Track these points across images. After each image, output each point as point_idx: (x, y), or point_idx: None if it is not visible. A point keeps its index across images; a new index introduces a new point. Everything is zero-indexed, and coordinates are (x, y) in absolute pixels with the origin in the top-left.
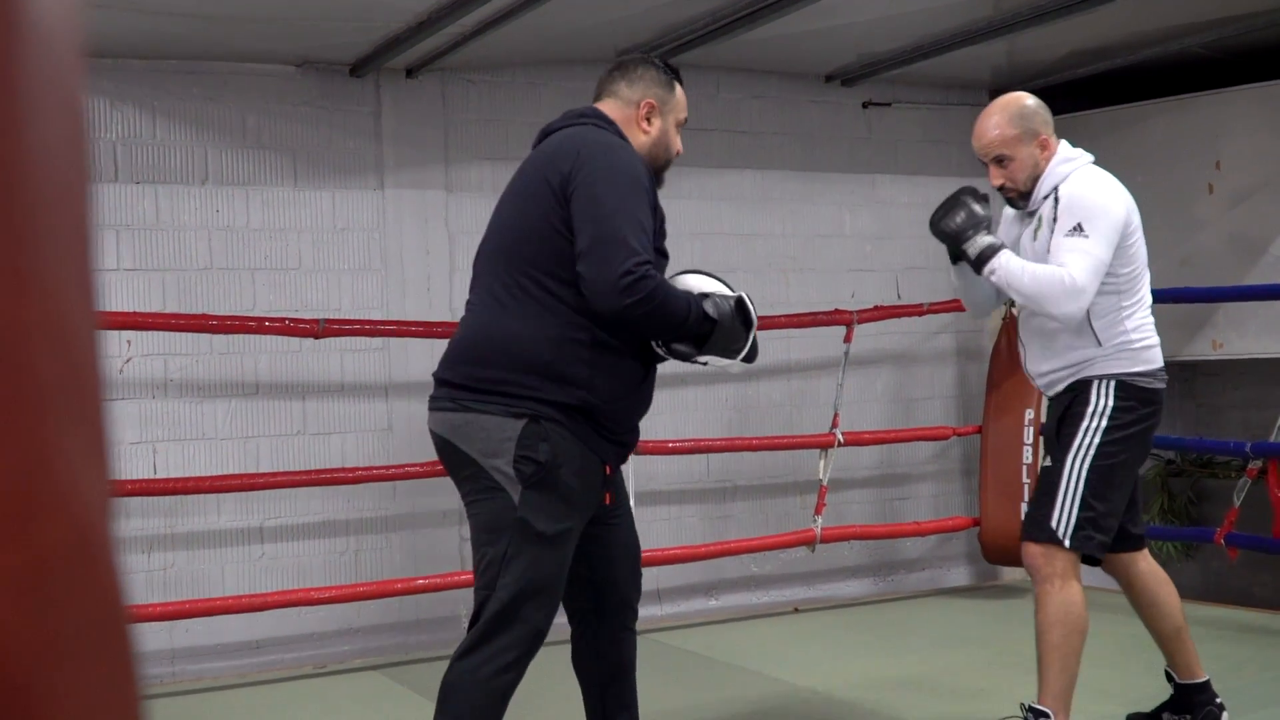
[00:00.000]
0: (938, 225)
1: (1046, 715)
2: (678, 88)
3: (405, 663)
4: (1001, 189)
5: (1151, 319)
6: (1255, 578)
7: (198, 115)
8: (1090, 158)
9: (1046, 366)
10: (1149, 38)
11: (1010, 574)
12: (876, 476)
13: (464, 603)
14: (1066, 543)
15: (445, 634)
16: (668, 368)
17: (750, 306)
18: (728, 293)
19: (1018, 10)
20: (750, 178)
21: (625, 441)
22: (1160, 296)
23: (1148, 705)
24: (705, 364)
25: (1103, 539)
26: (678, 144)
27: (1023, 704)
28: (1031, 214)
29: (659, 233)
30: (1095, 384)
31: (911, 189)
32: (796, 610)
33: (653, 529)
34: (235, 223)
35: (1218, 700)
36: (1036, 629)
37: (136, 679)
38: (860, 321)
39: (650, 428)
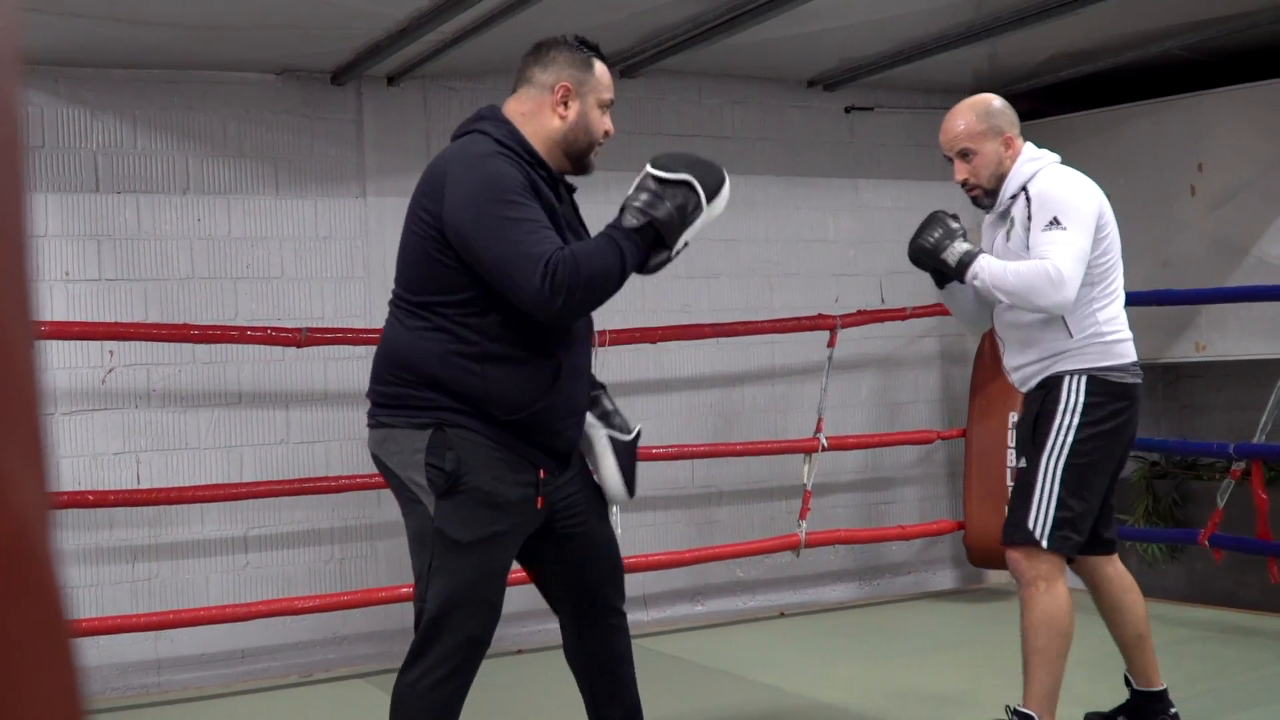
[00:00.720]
0: (915, 244)
1: (1031, 718)
2: (597, 65)
3: (390, 671)
4: (965, 185)
5: (1124, 314)
6: (1240, 579)
7: (179, 124)
8: (1056, 158)
9: (1020, 360)
10: (1130, 40)
11: (995, 577)
12: (861, 481)
13: None
14: (1044, 544)
15: None
16: (650, 373)
17: (664, 173)
18: (643, 182)
19: (999, 14)
20: (733, 183)
21: (554, 448)
22: (1143, 298)
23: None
24: (687, 243)
25: (1078, 539)
26: (603, 124)
27: (1008, 707)
28: (1003, 216)
29: (560, 224)
30: (1066, 379)
31: (895, 193)
32: (782, 615)
33: (638, 534)
34: (217, 232)
35: (1172, 710)
36: (1022, 632)
37: (78, 685)
38: (844, 326)
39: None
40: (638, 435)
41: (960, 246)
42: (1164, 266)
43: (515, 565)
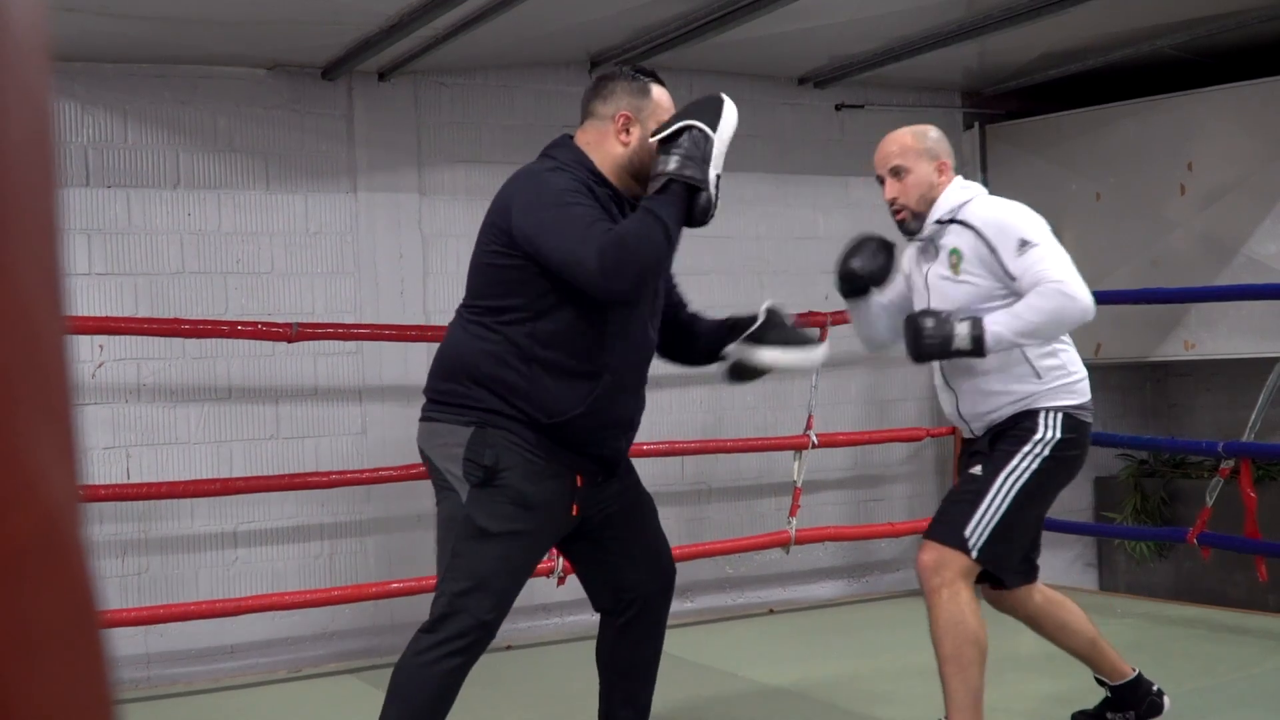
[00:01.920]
0: (921, 348)
1: None
2: (654, 90)
3: (380, 666)
4: (892, 205)
5: (1075, 351)
6: (1228, 577)
7: (169, 118)
8: (985, 190)
9: (985, 407)
10: (1120, 39)
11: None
12: (851, 478)
13: None
14: (974, 553)
15: None
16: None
17: (659, 134)
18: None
19: (989, 12)
20: (723, 180)
21: (595, 455)
22: (1132, 297)
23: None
24: (719, 175)
25: (1007, 558)
26: None
27: None
28: (929, 247)
29: None
30: (1043, 414)
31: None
32: (772, 611)
33: None
34: (207, 226)
35: (1155, 688)
36: (932, 641)
37: (108, 675)
38: (834, 323)
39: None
40: (769, 313)
41: (962, 329)
42: (1153, 265)
43: None
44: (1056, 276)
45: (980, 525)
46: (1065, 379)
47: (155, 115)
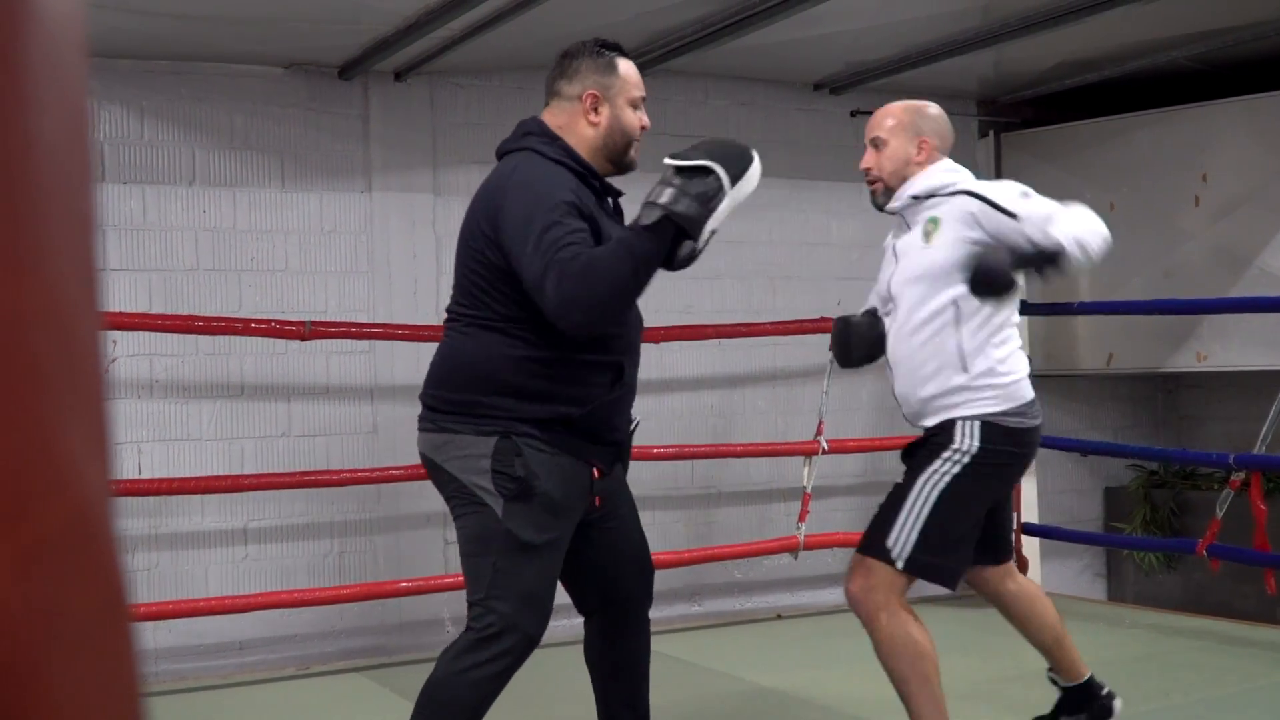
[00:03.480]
0: (1000, 273)
1: None
2: (621, 65)
3: (387, 665)
4: (867, 175)
5: (1019, 352)
6: (1237, 589)
7: (185, 116)
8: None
9: (909, 390)
10: (1136, 50)
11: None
12: (860, 484)
13: (446, 606)
14: (899, 563)
15: (428, 637)
16: (652, 373)
17: (682, 162)
18: (663, 176)
19: (1006, 21)
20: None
21: (612, 441)
22: (1145, 307)
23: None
24: (715, 231)
25: (941, 563)
26: (638, 121)
27: None
28: (906, 223)
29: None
30: (960, 425)
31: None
32: (779, 617)
33: None
34: (222, 224)
35: (1104, 691)
36: (882, 666)
37: (135, 665)
38: None
39: (636, 433)
40: (636, 425)
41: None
42: (1166, 276)
43: None
44: (1071, 208)
45: (902, 534)
46: (995, 379)
47: (172, 112)
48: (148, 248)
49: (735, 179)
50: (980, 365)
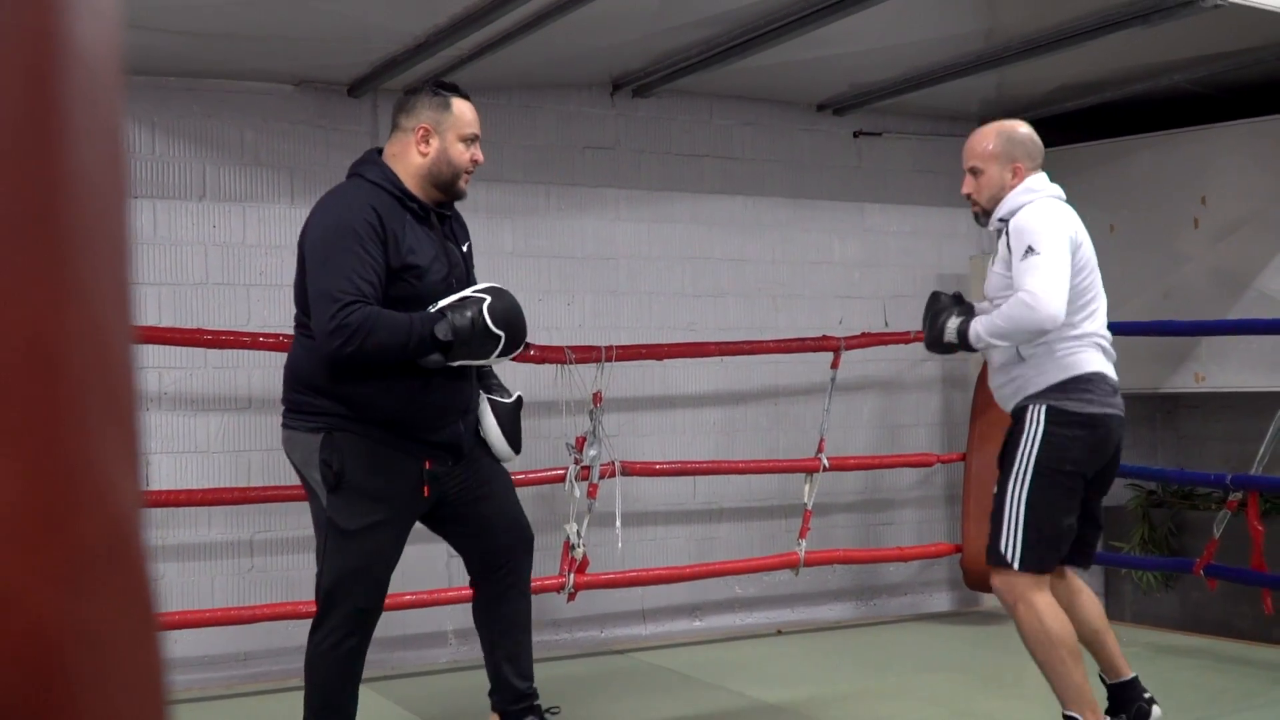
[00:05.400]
0: (927, 341)
1: (1076, 718)
2: (455, 104)
3: (391, 677)
4: (969, 199)
5: (1093, 347)
6: (1234, 609)
7: (197, 131)
8: (1056, 191)
9: (996, 380)
10: (1137, 73)
11: (991, 600)
12: (861, 501)
13: (449, 619)
14: (1016, 565)
15: (431, 649)
16: (655, 389)
17: (495, 317)
18: (475, 301)
19: (1008, 44)
20: (741, 204)
21: (437, 441)
22: (1143, 328)
23: None
24: (460, 365)
25: (1051, 556)
26: (466, 154)
27: (1064, 714)
28: (998, 239)
29: (406, 270)
30: (1030, 409)
31: (900, 217)
32: (780, 632)
33: (639, 549)
34: (232, 238)
35: (1146, 695)
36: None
37: (163, 673)
38: (848, 348)
39: (638, 449)
40: (518, 400)
41: (952, 323)
42: (1165, 297)
43: None
44: (1029, 287)
45: (1010, 540)
46: (1048, 358)
47: (183, 128)
48: (158, 262)
49: (501, 354)
50: (1035, 354)
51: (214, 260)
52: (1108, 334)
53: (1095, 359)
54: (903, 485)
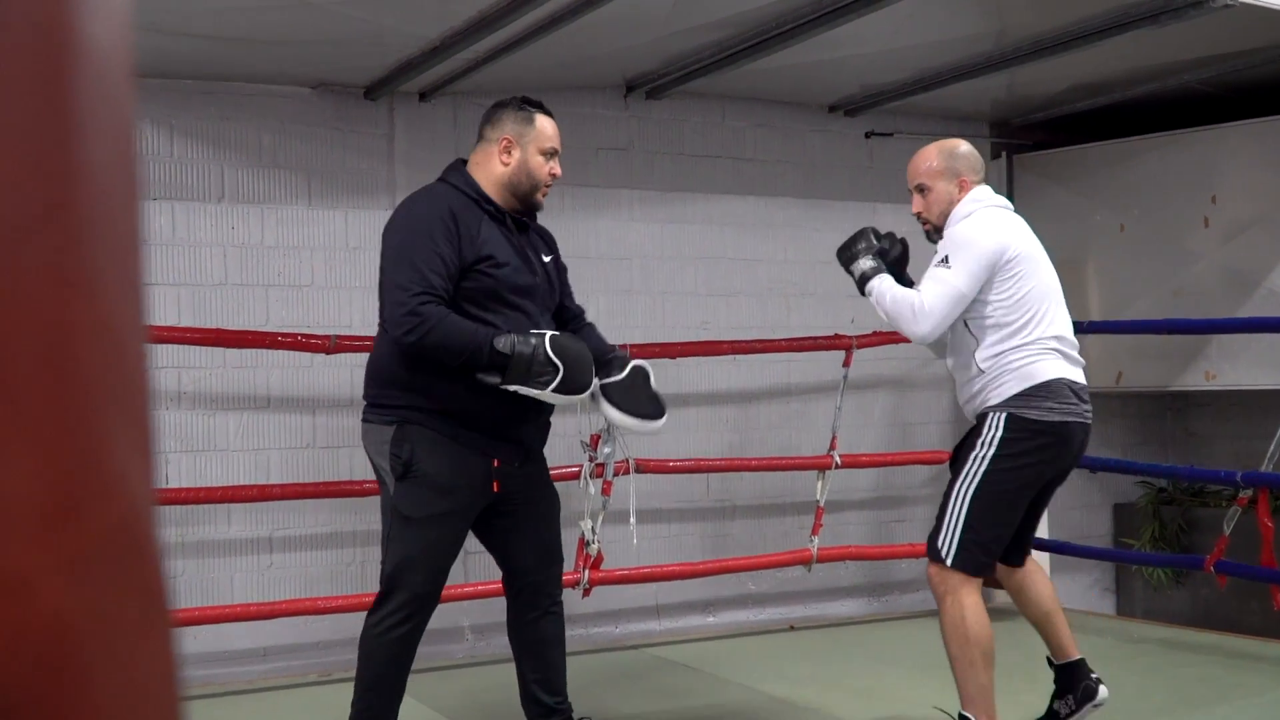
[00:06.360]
0: (838, 250)
1: (968, 719)
2: (539, 119)
3: (410, 672)
4: (919, 218)
5: (1050, 353)
6: (1244, 605)
7: (215, 134)
8: (1001, 202)
9: (959, 395)
10: (1147, 73)
11: (1001, 596)
12: (873, 499)
13: (466, 614)
14: (949, 561)
15: (449, 644)
16: (669, 388)
17: (556, 347)
18: (543, 334)
19: (1019, 45)
20: (753, 204)
21: (508, 438)
22: (1154, 327)
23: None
24: (515, 390)
25: (985, 559)
26: (545, 168)
27: (959, 713)
28: None
29: (481, 261)
30: (991, 416)
31: (911, 218)
32: (792, 628)
33: (653, 546)
34: (250, 240)
35: (1093, 675)
36: (942, 641)
37: (177, 668)
38: (859, 346)
39: (652, 447)
40: (632, 371)
41: (866, 264)
42: (1176, 296)
43: None
44: (925, 295)
45: (947, 536)
46: (1009, 367)
47: (201, 131)
48: (177, 263)
49: (557, 389)
50: (993, 362)
51: (233, 261)
52: (1068, 336)
53: (1054, 365)
54: (914, 482)
